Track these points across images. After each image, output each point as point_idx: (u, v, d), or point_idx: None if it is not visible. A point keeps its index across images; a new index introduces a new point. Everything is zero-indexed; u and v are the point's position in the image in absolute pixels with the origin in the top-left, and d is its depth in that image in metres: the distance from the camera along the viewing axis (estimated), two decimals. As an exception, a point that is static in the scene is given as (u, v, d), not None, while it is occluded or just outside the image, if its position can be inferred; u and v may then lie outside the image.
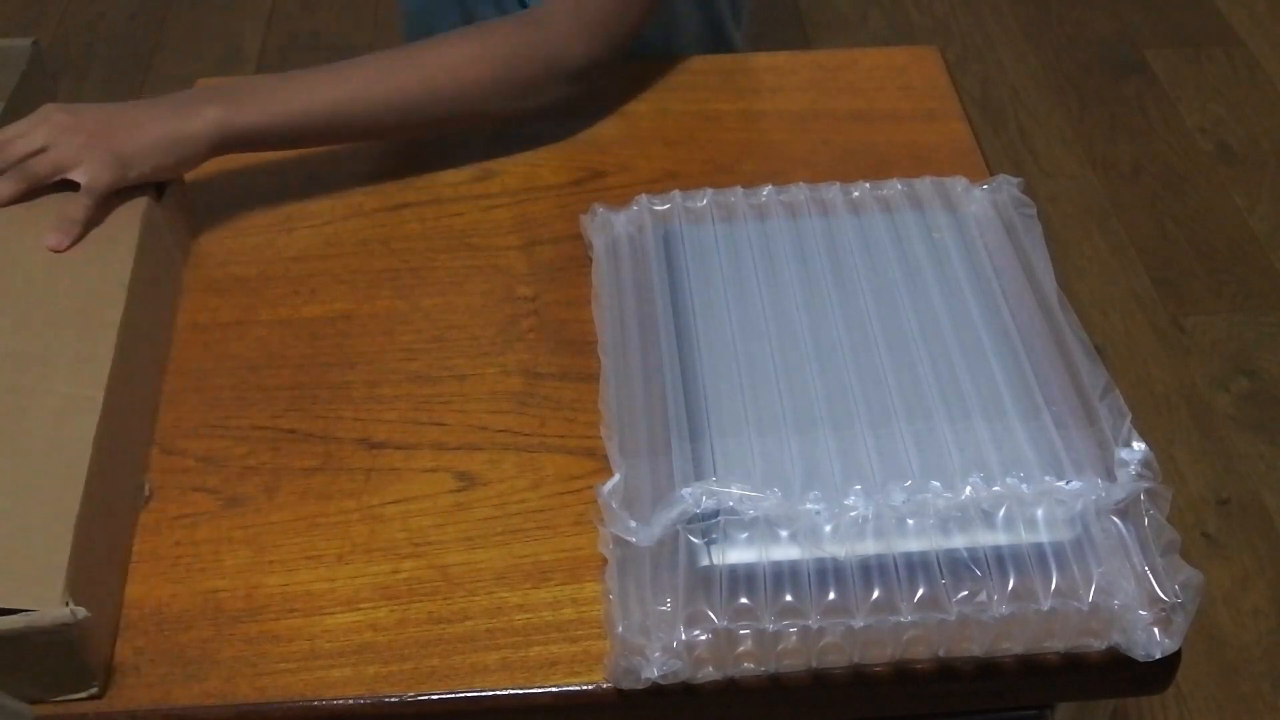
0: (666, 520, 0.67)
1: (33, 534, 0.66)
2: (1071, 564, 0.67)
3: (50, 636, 0.63)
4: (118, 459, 0.74)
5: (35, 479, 0.69)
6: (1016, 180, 0.88)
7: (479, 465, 0.78)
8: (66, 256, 0.81)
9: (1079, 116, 2.22)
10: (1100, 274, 1.95)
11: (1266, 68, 2.31)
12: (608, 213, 0.88)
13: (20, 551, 0.65)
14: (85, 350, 0.75)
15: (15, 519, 0.67)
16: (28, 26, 2.39)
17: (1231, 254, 1.97)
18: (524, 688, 0.67)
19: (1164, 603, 0.66)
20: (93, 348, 0.75)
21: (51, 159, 0.84)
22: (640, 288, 0.83)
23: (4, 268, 0.80)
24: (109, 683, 0.67)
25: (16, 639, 0.62)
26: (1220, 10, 2.43)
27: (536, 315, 0.87)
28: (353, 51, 0.95)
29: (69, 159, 0.83)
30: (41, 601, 0.63)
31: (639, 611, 0.66)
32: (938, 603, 0.65)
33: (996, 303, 0.80)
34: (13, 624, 0.62)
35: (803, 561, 0.66)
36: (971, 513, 0.67)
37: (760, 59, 1.10)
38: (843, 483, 0.69)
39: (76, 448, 0.70)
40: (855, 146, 0.78)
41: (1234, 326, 1.87)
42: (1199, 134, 2.18)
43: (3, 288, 0.79)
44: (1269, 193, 2.07)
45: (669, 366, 0.78)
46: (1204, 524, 1.62)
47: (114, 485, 0.73)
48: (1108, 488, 0.68)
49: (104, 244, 0.82)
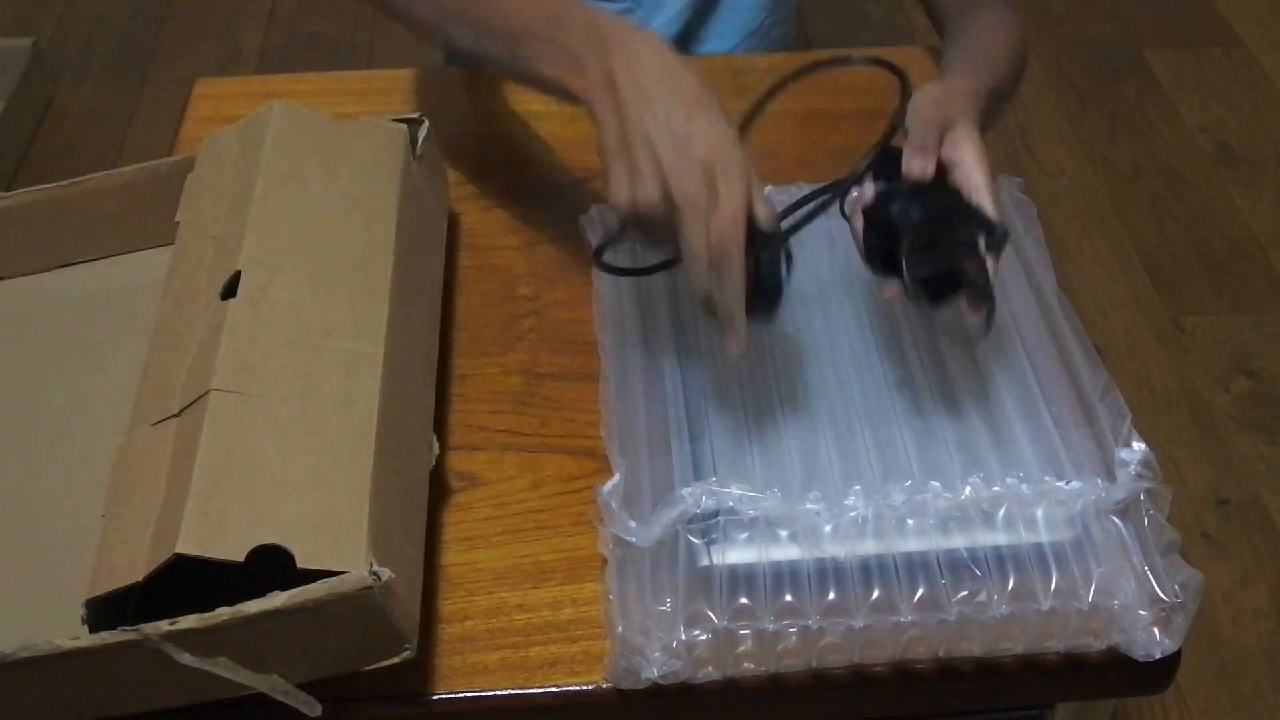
0: (666, 520, 0.67)
1: (333, 496, 0.63)
2: (1071, 564, 0.67)
3: (355, 602, 0.60)
4: (405, 416, 0.72)
5: (329, 437, 0.66)
6: (1016, 180, 0.88)
7: (479, 465, 0.78)
8: (332, 214, 0.77)
9: (1079, 116, 2.23)
10: (1100, 274, 1.95)
11: (1266, 68, 2.31)
12: (608, 213, 0.88)
13: (324, 513, 0.63)
14: (360, 307, 0.73)
15: (313, 481, 0.64)
16: (28, 26, 2.40)
17: (1231, 254, 1.97)
18: (524, 688, 0.67)
19: (1164, 603, 0.66)
20: (367, 305, 0.73)
21: None
22: (640, 288, 0.83)
23: (272, 225, 0.76)
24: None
25: (319, 607, 0.59)
26: (1220, 10, 2.43)
27: (536, 315, 0.87)
28: (353, 51, 0.94)
29: None
30: (347, 563, 0.60)
31: (639, 611, 0.66)
32: (938, 603, 0.65)
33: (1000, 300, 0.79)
34: (315, 592, 0.59)
35: (803, 561, 0.66)
36: (971, 513, 0.67)
37: (760, 59, 1.10)
38: (842, 483, 0.69)
39: (364, 405, 0.68)
40: (855, 146, 0.78)
41: (1234, 326, 1.87)
42: (1199, 134, 2.18)
43: (275, 245, 0.75)
44: (1269, 193, 2.07)
45: (669, 366, 0.78)
46: (1204, 524, 1.62)
47: (404, 442, 0.70)
48: (1108, 488, 0.68)
49: (366, 201, 0.79)
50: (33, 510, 0.75)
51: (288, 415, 0.66)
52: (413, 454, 0.72)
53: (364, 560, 0.60)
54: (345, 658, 0.63)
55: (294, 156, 0.79)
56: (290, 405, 0.67)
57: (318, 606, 0.59)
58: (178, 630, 0.58)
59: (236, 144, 0.81)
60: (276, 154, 0.79)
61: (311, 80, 1.10)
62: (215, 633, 0.59)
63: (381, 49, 2.28)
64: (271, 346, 0.69)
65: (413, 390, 0.74)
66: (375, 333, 0.72)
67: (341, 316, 0.72)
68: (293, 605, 0.58)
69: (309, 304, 0.72)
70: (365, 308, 0.73)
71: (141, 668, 0.60)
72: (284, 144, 0.79)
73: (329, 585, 0.59)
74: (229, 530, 0.60)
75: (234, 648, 0.60)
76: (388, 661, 0.63)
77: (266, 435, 0.65)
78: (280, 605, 0.58)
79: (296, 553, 0.60)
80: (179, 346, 0.71)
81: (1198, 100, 2.24)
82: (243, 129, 0.82)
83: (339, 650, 0.62)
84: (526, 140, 1.00)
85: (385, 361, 0.70)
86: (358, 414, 0.67)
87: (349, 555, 0.61)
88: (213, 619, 0.58)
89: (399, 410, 0.70)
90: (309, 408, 0.67)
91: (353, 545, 0.61)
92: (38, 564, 0.72)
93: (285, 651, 0.61)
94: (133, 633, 0.58)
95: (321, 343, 0.70)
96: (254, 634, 0.59)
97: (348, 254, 0.75)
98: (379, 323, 0.72)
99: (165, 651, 0.59)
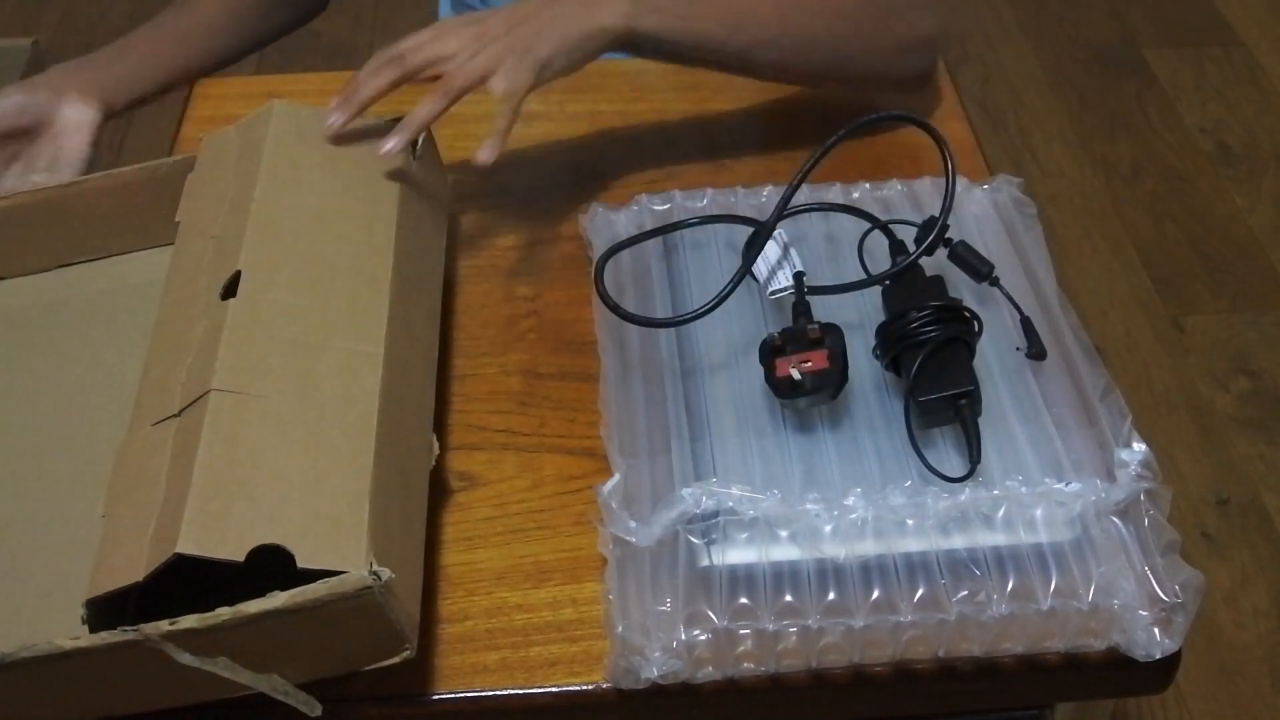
0: (666, 520, 0.67)
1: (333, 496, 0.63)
2: (1071, 564, 0.67)
3: (355, 601, 0.59)
4: (406, 415, 0.72)
5: (329, 437, 0.66)
6: (1016, 180, 0.88)
7: (479, 465, 0.78)
8: (332, 213, 0.77)
9: (1079, 116, 2.23)
10: (1100, 274, 1.95)
11: (1266, 68, 2.31)
12: (608, 213, 0.88)
13: (324, 513, 0.63)
14: (361, 306, 0.73)
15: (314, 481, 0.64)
16: (28, 26, 2.40)
17: (1231, 254, 1.97)
18: (524, 688, 0.67)
19: (1164, 603, 0.66)
20: (367, 305, 0.73)
21: (468, 69, 0.79)
22: (640, 288, 0.83)
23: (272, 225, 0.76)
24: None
25: (319, 607, 0.59)
26: (1220, 10, 2.43)
27: (536, 315, 0.87)
28: (353, 51, 0.95)
29: (485, 67, 0.79)
30: (347, 563, 0.60)
31: (639, 611, 0.66)
32: (938, 603, 0.65)
33: (996, 303, 0.79)
34: (315, 592, 0.59)
35: (803, 562, 0.66)
36: (971, 515, 0.67)
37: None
38: (842, 484, 0.69)
39: (365, 405, 0.68)
40: (855, 146, 0.78)
41: (1234, 326, 1.87)
42: (1199, 134, 2.18)
43: (275, 245, 0.75)
44: (1269, 193, 2.07)
45: (669, 367, 0.78)
46: (1204, 524, 1.62)
47: (404, 442, 0.70)
48: (1108, 488, 0.68)
49: (366, 200, 0.79)
50: (33, 510, 0.75)
51: (288, 415, 0.66)
52: (413, 454, 0.71)
53: (364, 560, 0.60)
54: (345, 658, 0.63)
55: (294, 156, 0.79)
56: (290, 405, 0.66)
57: (318, 606, 0.59)
58: (178, 630, 0.58)
59: (236, 144, 0.81)
60: (277, 154, 0.78)
61: (311, 80, 1.10)
62: (215, 633, 0.58)
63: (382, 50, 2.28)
64: (271, 346, 0.69)
65: (413, 390, 0.74)
66: (375, 332, 0.71)
67: (342, 316, 0.72)
68: (293, 605, 0.58)
69: (309, 304, 0.71)
70: (366, 307, 0.73)
71: (142, 668, 0.60)
72: (284, 144, 0.79)
73: (329, 585, 0.59)
74: (230, 530, 0.60)
75: (234, 648, 0.60)
76: (388, 661, 0.63)
77: (267, 435, 0.65)
78: (280, 605, 0.58)
79: (296, 553, 0.60)
80: (179, 346, 0.71)
81: (1198, 100, 2.24)
82: (243, 129, 0.82)
83: (339, 650, 0.62)
84: (526, 140, 1.00)
85: (385, 361, 0.70)
86: (358, 414, 0.67)
87: (349, 555, 0.60)
88: (213, 619, 0.58)
89: (399, 410, 0.70)
90: (309, 408, 0.67)
91: (353, 545, 0.61)
92: (38, 564, 0.72)
93: (285, 651, 0.61)
94: (133, 633, 0.58)
95: (322, 342, 0.70)
96: (254, 634, 0.59)
97: (348, 254, 0.75)
98: (379, 322, 0.72)
99: (165, 651, 0.59)
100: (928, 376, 0.71)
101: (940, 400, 0.70)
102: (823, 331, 0.73)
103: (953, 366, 0.71)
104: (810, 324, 0.74)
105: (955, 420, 0.71)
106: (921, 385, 0.71)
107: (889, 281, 0.78)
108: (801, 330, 0.74)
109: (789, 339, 0.74)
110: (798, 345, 0.73)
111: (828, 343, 0.73)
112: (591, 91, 1.02)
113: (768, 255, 0.80)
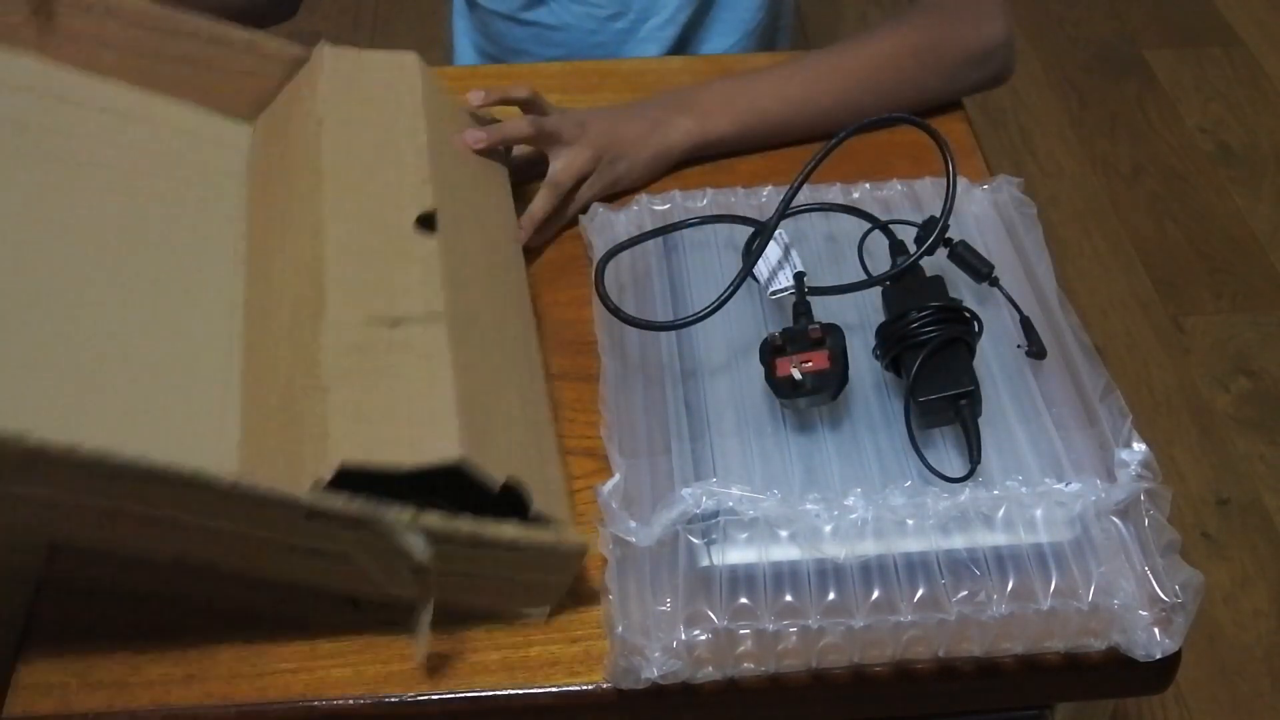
0: (666, 520, 0.67)
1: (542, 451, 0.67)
2: (1071, 564, 0.67)
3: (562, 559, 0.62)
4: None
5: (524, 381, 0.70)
6: (1016, 180, 0.88)
7: (479, 465, 0.78)
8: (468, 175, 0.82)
9: (1079, 116, 2.23)
10: (1100, 274, 1.95)
11: (1266, 68, 2.31)
12: (608, 213, 0.88)
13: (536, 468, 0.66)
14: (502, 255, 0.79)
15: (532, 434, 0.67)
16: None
17: (1231, 254, 1.97)
18: (524, 688, 0.67)
19: (1164, 603, 0.66)
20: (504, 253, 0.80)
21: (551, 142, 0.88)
22: (641, 288, 0.83)
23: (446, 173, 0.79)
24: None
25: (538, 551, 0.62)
26: (1220, 10, 2.43)
27: (537, 315, 0.87)
28: (353, 52, 0.95)
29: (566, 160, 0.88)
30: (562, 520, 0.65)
31: (639, 611, 0.66)
32: (938, 603, 0.65)
33: (996, 303, 0.80)
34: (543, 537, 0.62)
35: (803, 562, 0.66)
36: (971, 515, 0.67)
37: (760, 59, 1.10)
38: (842, 484, 0.69)
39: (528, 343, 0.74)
40: (855, 146, 0.78)
41: (1234, 326, 1.87)
42: (1199, 134, 2.18)
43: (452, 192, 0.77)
44: (1269, 193, 2.07)
45: (669, 367, 0.78)
46: (1204, 524, 1.62)
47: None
48: (1108, 488, 0.68)
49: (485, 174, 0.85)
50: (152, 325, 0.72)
51: (494, 343, 0.70)
52: None
53: (570, 521, 0.65)
54: (503, 597, 0.66)
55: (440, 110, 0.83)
56: (489, 335, 0.71)
57: (539, 550, 0.62)
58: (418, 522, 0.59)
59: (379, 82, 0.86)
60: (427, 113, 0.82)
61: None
62: (443, 537, 0.60)
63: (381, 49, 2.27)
64: (473, 276, 0.73)
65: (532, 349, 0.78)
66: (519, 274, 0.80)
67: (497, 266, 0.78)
68: (522, 541, 0.62)
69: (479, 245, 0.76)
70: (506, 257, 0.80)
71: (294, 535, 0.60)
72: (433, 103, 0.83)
73: (557, 534, 0.62)
74: (490, 454, 0.62)
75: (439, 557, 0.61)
76: (523, 619, 0.67)
77: (493, 364, 0.69)
78: (511, 537, 0.61)
79: (531, 499, 0.63)
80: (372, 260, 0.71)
81: (1198, 100, 2.24)
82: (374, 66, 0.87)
83: (500, 590, 0.65)
84: (526, 140, 1.00)
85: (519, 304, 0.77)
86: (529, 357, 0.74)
87: (558, 512, 0.65)
88: (451, 527, 0.59)
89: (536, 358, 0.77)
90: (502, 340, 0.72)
91: (559, 505, 0.67)
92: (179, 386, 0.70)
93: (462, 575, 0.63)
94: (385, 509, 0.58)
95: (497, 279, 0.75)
96: (462, 550, 0.61)
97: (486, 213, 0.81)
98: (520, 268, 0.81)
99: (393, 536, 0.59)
100: (928, 376, 0.71)
101: (940, 400, 0.71)
102: (823, 332, 0.74)
103: (953, 366, 0.72)
104: (811, 324, 0.74)
105: (955, 420, 0.71)
106: (922, 385, 0.71)
107: (889, 282, 0.78)
108: (802, 330, 0.74)
109: (790, 339, 0.74)
110: (798, 345, 0.73)
111: (828, 343, 0.73)
112: (591, 92, 1.02)
113: (768, 255, 0.80)
